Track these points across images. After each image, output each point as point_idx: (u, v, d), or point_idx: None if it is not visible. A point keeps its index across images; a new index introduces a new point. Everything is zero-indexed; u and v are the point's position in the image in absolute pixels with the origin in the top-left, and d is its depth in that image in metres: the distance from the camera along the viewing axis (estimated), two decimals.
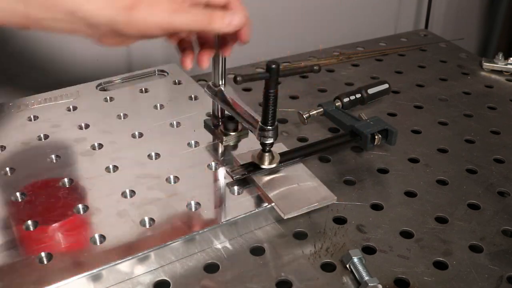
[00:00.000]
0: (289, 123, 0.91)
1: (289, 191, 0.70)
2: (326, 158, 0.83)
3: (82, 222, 0.65)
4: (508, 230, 0.72)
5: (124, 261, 0.60)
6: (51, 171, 0.73)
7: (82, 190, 0.70)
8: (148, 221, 0.65)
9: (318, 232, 0.69)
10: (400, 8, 1.40)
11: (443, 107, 0.98)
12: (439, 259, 0.66)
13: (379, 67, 1.11)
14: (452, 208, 0.74)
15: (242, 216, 0.67)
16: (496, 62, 1.10)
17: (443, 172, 0.81)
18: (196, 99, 0.91)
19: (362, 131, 0.79)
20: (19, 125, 0.82)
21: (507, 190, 0.78)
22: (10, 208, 0.67)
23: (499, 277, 0.64)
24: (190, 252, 0.65)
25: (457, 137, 0.90)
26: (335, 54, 1.15)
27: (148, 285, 0.61)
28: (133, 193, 0.69)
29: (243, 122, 0.74)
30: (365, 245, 0.68)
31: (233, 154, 0.78)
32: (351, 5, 1.31)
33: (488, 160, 0.84)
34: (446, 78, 1.08)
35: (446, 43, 1.23)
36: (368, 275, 0.61)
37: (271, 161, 0.72)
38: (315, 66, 0.66)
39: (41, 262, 0.59)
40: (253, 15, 1.20)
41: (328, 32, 1.30)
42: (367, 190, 0.77)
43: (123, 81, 0.95)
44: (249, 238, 0.68)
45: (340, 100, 0.91)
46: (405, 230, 0.70)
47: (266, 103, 0.67)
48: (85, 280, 0.59)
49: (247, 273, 0.63)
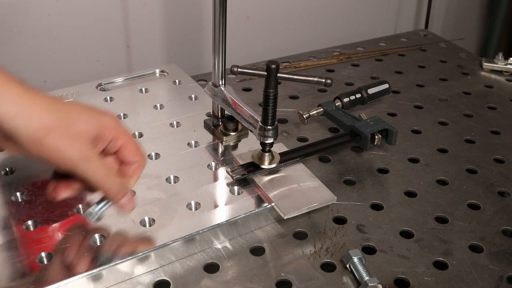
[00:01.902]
0: (289, 123, 0.91)
1: (289, 191, 0.70)
2: (326, 158, 0.83)
3: (82, 222, 0.65)
4: (508, 230, 0.72)
5: (124, 261, 0.60)
6: (51, 171, 0.73)
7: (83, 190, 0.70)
8: (148, 221, 0.65)
9: (318, 232, 0.69)
10: (400, 8, 1.40)
11: (443, 107, 0.98)
12: (439, 259, 0.66)
13: (379, 67, 1.11)
14: (452, 208, 0.74)
15: (242, 216, 0.67)
16: (496, 62, 1.10)
17: (443, 172, 0.81)
18: (196, 99, 0.91)
19: (362, 131, 0.79)
20: None
21: (507, 190, 0.78)
22: (10, 208, 0.67)
23: (499, 277, 0.64)
24: (190, 252, 0.65)
25: (457, 137, 0.90)
26: (335, 54, 1.15)
27: (148, 285, 0.61)
28: (133, 193, 0.69)
29: (243, 122, 0.74)
30: (365, 245, 0.68)
31: (233, 154, 0.78)
32: (351, 5, 1.31)
33: (488, 160, 0.84)
34: (446, 78, 1.08)
35: (446, 43, 1.23)
36: (368, 275, 0.61)
37: (271, 161, 0.72)
38: (328, 80, 0.65)
39: (41, 262, 0.59)
40: (254, 15, 1.21)
41: (328, 32, 1.30)
42: (367, 190, 0.77)
43: (123, 81, 0.95)
44: (249, 238, 0.68)
45: (340, 100, 0.91)
46: (405, 230, 0.70)
47: (266, 103, 0.67)
48: (85, 280, 0.59)
49: (247, 273, 0.63)
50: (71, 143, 0.55)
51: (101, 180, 0.58)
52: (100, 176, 0.58)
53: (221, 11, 0.73)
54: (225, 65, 0.78)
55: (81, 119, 0.57)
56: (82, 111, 0.58)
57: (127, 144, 0.61)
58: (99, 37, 1.05)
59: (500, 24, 1.52)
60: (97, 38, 1.05)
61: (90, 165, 0.57)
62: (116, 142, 0.60)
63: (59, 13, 1.00)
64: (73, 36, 1.03)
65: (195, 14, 1.12)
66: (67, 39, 1.02)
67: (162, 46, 1.12)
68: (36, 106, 0.54)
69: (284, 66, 1.08)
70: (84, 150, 0.56)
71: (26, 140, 0.53)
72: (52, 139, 0.54)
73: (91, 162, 0.57)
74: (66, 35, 1.02)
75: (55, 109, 0.55)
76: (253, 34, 1.21)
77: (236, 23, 1.16)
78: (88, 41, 1.05)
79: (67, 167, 0.57)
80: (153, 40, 1.11)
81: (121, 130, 0.61)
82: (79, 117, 0.57)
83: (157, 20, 1.09)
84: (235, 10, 1.14)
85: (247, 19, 1.19)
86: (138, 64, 1.11)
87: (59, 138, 0.55)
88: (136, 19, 1.07)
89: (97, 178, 0.58)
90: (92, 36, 1.05)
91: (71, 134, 0.55)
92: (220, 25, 0.74)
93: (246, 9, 1.18)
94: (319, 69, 1.10)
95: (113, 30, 1.06)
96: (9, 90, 0.53)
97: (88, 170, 0.57)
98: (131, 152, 0.62)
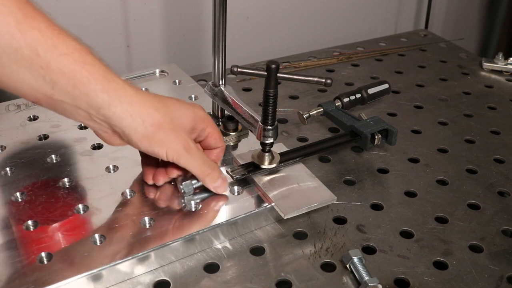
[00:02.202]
0: (289, 123, 0.91)
1: (289, 191, 0.70)
2: (326, 158, 0.83)
3: (82, 222, 0.65)
4: (508, 230, 0.72)
5: (124, 261, 0.60)
6: (51, 171, 0.73)
7: (82, 190, 0.70)
8: (148, 221, 0.65)
9: (318, 232, 0.69)
10: (400, 8, 1.40)
11: (443, 107, 0.98)
12: (439, 259, 0.66)
13: (379, 67, 1.11)
14: (452, 208, 0.74)
15: (242, 216, 0.67)
16: (496, 62, 1.10)
17: (443, 172, 0.81)
18: (196, 99, 0.91)
19: (362, 131, 0.79)
20: (19, 125, 0.82)
21: (507, 190, 0.78)
22: (10, 208, 0.67)
23: (499, 277, 0.64)
24: (190, 252, 0.65)
25: (457, 137, 0.90)
26: (335, 54, 1.15)
27: (148, 285, 0.61)
28: (133, 193, 0.69)
29: (243, 122, 0.74)
30: (365, 245, 0.68)
31: (233, 154, 0.78)
32: (351, 5, 1.31)
33: (488, 160, 0.84)
34: (446, 78, 1.08)
35: (446, 43, 1.23)
36: (368, 275, 0.61)
37: (271, 161, 0.72)
38: (328, 80, 0.66)
39: (41, 262, 0.59)
40: (254, 15, 1.21)
41: (328, 32, 1.30)
42: (367, 190, 0.77)
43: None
44: (249, 238, 0.68)
45: (340, 100, 0.91)
46: (405, 230, 0.70)
47: (266, 103, 0.67)
48: (85, 280, 0.59)
49: (247, 273, 0.63)
50: (177, 136, 0.62)
51: (201, 167, 0.65)
52: (200, 163, 0.65)
53: (221, 11, 0.73)
54: (225, 65, 0.78)
55: (181, 113, 0.64)
56: (179, 105, 0.65)
57: (213, 132, 0.68)
58: (99, 37, 1.05)
59: (500, 24, 1.52)
60: (97, 38, 1.05)
61: (191, 154, 0.64)
62: (205, 131, 0.68)
63: (59, 13, 1.00)
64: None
65: (195, 14, 1.12)
66: None
67: (162, 46, 1.12)
68: (147, 105, 0.60)
69: (284, 66, 1.08)
70: (186, 141, 0.63)
71: (140, 136, 0.60)
72: (162, 134, 0.61)
73: (192, 152, 0.64)
74: None
75: (160, 107, 0.62)
76: (253, 34, 1.21)
77: (236, 23, 1.16)
78: (88, 41, 1.05)
79: (172, 158, 0.63)
80: (153, 40, 1.11)
81: (209, 120, 0.68)
82: (179, 111, 0.64)
83: (157, 20, 1.09)
84: (235, 10, 1.14)
85: (247, 19, 1.19)
86: (138, 64, 1.11)
87: (167, 132, 0.61)
88: (136, 19, 1.07)
89: (198, 166, 0.65)
90: (92, 36, 1.05)
91: (175, 128, 0.62)
92: (220, 25, 0.74)
93: (246, 9, 1.18)
94: (319, 69, 1.10)
95: (113, 30, 1.06)
96: (126, 92, 0.59)
97: (190, 159, 0.64)
98: (215, 139, 0.69)
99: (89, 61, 0.57)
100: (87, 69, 0.56)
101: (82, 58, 0.56)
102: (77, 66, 0.56)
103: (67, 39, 0.56)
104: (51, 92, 0.56)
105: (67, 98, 0.56)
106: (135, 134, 0.60)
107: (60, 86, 0.55)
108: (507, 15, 1.51)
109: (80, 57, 0.56)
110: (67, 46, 0.55)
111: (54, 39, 0.55)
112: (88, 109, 0.58)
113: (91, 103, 0.57)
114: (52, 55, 0.54)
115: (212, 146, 0.70)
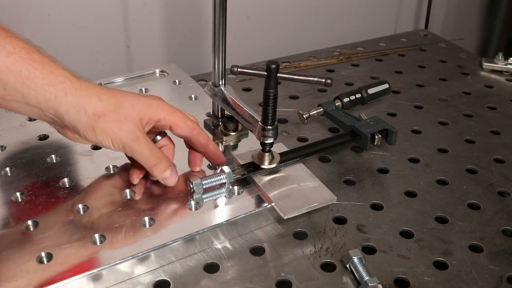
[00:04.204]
0: (289, 123, 0.91)
1: (289, 191, 0.70)
2: (326, 158, 0.83)
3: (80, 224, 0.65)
4: (508, 230, 0.72)
5: (124, 261, 0.60)
6: (51, 171, 0.73)
7: (82, 190, 0.70)
8: (148, 221, 0.65)
9: (318, 232, 0.69)
10: (400, 8, 1.40)
11: (443, 107, 0.98)
12: (439, 259, 0.66)
13: (379, 67, 1.11)
14: (452, 208, 0.74)
15: (242, 216, 0.67)
16: (496, 62, 1.10)
17: (443, 172, 0.81)
18: (196, 99, 0.91)
19: (362, 131, 0.79)
20: (19, 125, 0.82)
21: (507, 190, 0.78)
22: (10, 208, 0.67)
23: (499, 277, 0.64)
24: (190, 252, 0.65)
25: (457, 137, 0.90)
26: (335, 54, 1.15)
27: (148, 285, 0.61)
28: (133, 193, 0.69)
29: (243, 122, 0.74)
30: (365, 245, 0.68)
31: (233, 154, 0.78)
32: (351, 5, 1.31)
33: (488, 160, 0.84)
34: (446, 78, 1.08)
35: (446, 43, 1.23)
36: (368, 275, 0.61)
37: (271, 161, 0.72)
38: (328, 80, 0.66)
39: (41, 262, 0.59)
40: (254, 15, 1.21)
41: (328, 32, 1.30)
42: (367, 190, 0.77)
43: (123, 81, 0.95)
44: (249, 238, 0.68)
45: (340, 100, 0.91)
46: (405, 230, 0.70)
47: (266, 103, 0.67)
48: (85, 280, 0.59)
49: (247, 273, 0.63)
50: (120, 125, 0.62)
51: (147, 157, 0.64)
52: (147, 153, 0.64)
53: (221, 11, 0.73)
54: (225, 65, 0.78)
55: (128, 103, 0.63)
56: (128, 96, 0.64)
57: (176, 120, 0.66)
58: (99, 37, 1.05)
59: (500, 24, 1.52)
60: (97, 38, 1.05)
61: (137, 144, 0.63)
62: (165, 120, 0.66)
63: (59, 13, 1.00)
64: (73, 36, 1.03)
65: (195, 14, 1.12)
66: (67, 39, 1.02)
67: (162, 46, 1.12)
68: (91, 95, 0.61)
69: (284, 66, 1.08)
70: (133, 130, 0.62)
71: (84, 126, 0.60)
72: (105, 123, 0.61)
73: (139, 141, 0.63)
74: (66, 35, 1.02)
75: (105, 97, 0.62)
76: (253, 34, 1.21)
77: (236, 23, 1.16)
78: (88, 41, 1.05)
79: (118, 148, 0.63)
80: (153, 40, 1.11)
81: (169, 110, 0.66)
82: (126, 101, 0.63)
83: (157, 20, 1.09)
84: (235, 10, 1.14)
85: (247, 19, 1.19)
86: (138, 64, 1.11)
87: (110, 122, 0.61)
88: (136, 19, 1.07)
89: (144, 156, 0.64)
90: (92, 36, 1.05)
91: (120, 117, 0.62)
92: (220, 25, 0.74)
93: (246, 9, 1.18)
94: (319, 69, 1.10)
95: (113, 30, 1.06)
96: (72, 84, 0.60)
97: (135, 149, 0.63)
98: (182, 128, 0.67)
99: (36, 58, 0.59)
100: (34, 66, 0.58)
101: (29, 55, 0.58)
102: (24, 63, 0.57)
103: (14, 40, 0.58)
104: (3, 93, 0.58)
105: (18, 96, 0.58)
106: (80, 124, 0.61)
107: (10, 85, 0.57)
108: (507, 15, 1.51)
109: (27, 54, 0.58)
110: (14, 45, 0.57)
111: (1, 41, 0.57)
112: (39, 105, 0.59)
113: (40, 98, 0.59)
114: (0, 56, 0.56)
115: (182, 135, 0.68)
